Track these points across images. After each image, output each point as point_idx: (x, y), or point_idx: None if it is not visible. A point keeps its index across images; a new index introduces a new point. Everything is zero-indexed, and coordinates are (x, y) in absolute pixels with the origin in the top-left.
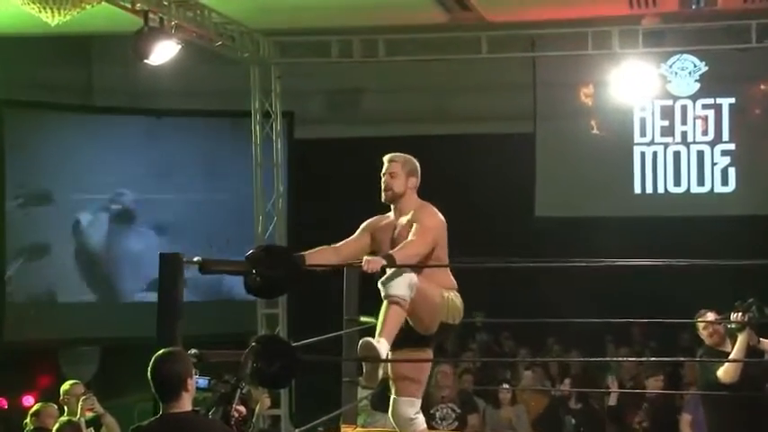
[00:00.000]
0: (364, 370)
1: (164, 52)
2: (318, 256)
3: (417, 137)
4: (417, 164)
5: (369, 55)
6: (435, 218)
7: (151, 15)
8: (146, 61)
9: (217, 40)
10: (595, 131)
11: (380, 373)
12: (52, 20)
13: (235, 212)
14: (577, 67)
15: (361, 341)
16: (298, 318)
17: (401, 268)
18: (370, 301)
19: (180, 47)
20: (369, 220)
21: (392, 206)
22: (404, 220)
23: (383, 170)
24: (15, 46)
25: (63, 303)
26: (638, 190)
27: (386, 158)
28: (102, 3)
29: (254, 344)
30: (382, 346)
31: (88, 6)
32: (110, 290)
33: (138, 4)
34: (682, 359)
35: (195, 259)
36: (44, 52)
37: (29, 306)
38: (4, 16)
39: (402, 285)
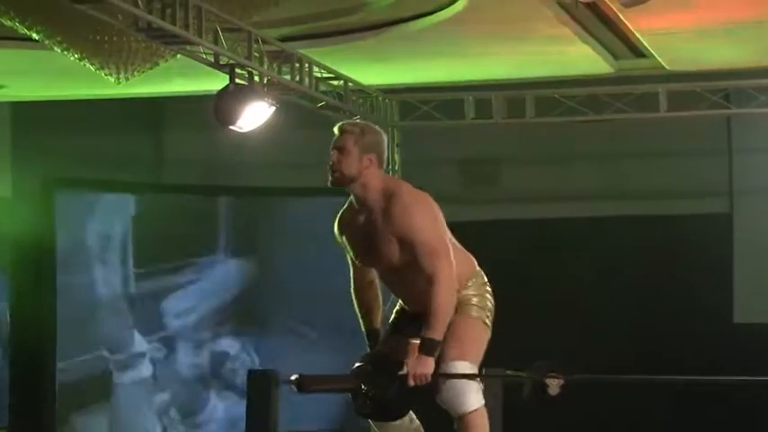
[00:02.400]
0: None
1: (253, 116)
2: (378, 313)
3: (572, 220)
4: (382, 135)
5: (513, 115)
6: (425, 210)
7: (238, 71)
8: (231, 127)
9: (320, 100)
10: None
11: None
12: (116, 78)
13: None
14: None
15: None
16: None
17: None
18: None
19: (274, 109)
20: (336, 227)
21: (352, 195)
22: (377, 216)
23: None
24: (70, 113)
25: None
26: None
27: (336, 128)
28: (178, 56)
29: (360, 364)
30: None
31: (161, 61)
32: None
33: (223, 57)
34: None
35: (292, 378)
36: (105, 119)
37: None
38: (55, 77)
39: (470, 393)
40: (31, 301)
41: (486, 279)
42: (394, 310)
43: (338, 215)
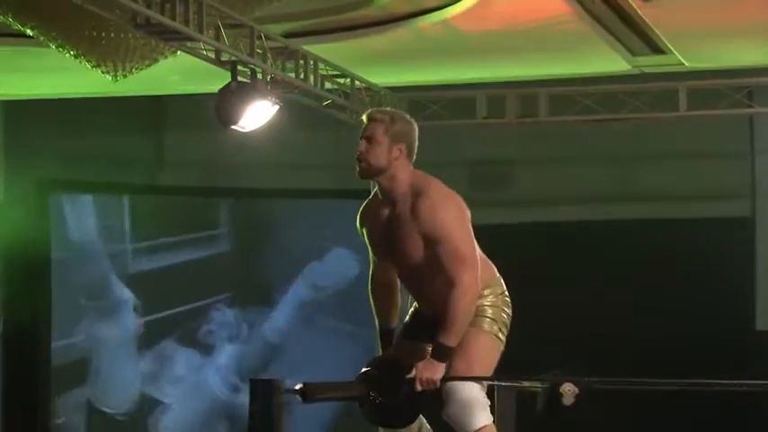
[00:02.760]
0: None
1: (256, 115)
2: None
3: (590, 223)
4: (413, 125)
5: (526, 114)
6: (454, 209)
7: (241, 68)
8: (233, 127)
9: (326, 99)
10: None
11: None
12: (114, 76)
13: None
14: None
15: None
16: None
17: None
18: None
19: (277, 108)
20: (359, 219)
21: (377, 186)
22: (404, 210)
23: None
24: (65, 112)
25: None
26: None
27: (364, 116)
28: (178, 53)
29: (367, 370)
30: None
31: (160, 58)
32: None
33: (225, 54)
34: None
35: (297, 387)
36: (102, 119)
37: None
38: (50, 75)
39: (478, 410)
40: (25, 307)
41: (505, 288)
42: (409, 313)
43: (362, 206)
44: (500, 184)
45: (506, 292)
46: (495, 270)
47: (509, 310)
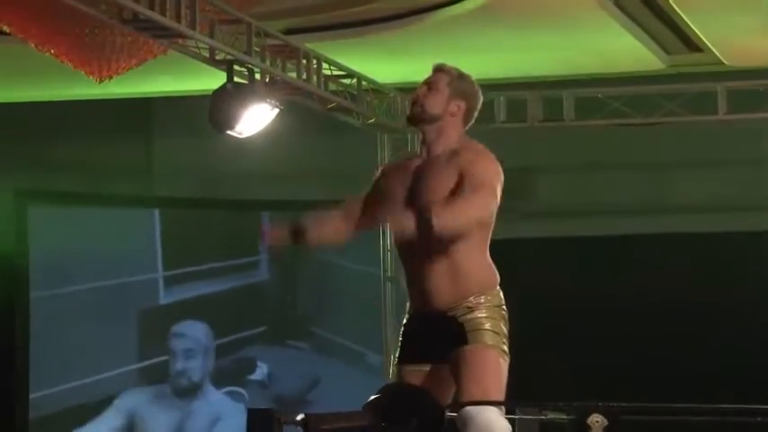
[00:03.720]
0: None
1: (254, 119)
2: (323, 232)
3: (619, 237)
4: (480, 93)
5: (550, 118)
6: (495, 167)
7: (237, 67)
8: (228, 132)
9: (330, 101)
10: None
11: None
12: (99, 78)
13: None
14: None
15: None
16: None
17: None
18: None
19: (277, 111)
20: (381, 169)
21: (420, 138)
22: (441, 159)
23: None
24: (45, 117)
25: None
26: None
27: (434, 66)
28: (169, 52)
29: (376, 397)
30: None
31: (150, 58)
32: None
33: (220, 52)
34: None
35: (298, 418)
36: (86, 124)
37: None
38: (29, 76)
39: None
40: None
41: (503, 301)
42: (400, 334)
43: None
44: (520, 195)
45: (504, 307)
46: (498, 281)
47: (507, 326)
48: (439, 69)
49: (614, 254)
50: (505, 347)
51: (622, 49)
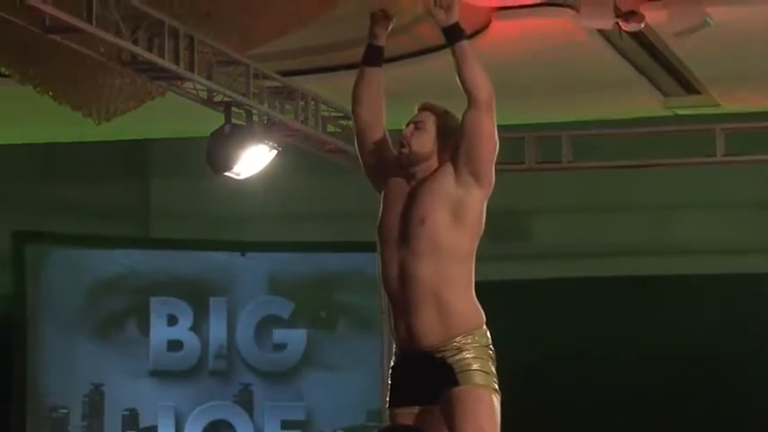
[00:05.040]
0: None
1: (252, 161)
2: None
3: (617, 279)
4: None
5: (548, 160)
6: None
7: (235, 109)
8: (226, 174)
9: (328, 142)
10: None
11: None
12: (97, 119)
13: None
14: None
15: None
16: None
17: None
18: None
19: (275, 152)
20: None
21: (410, 172)
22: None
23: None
24: (43, 158)
25: None
26: None
27: (420, 105)
28: (167, 94)
29: None
30: None
31: (148, 99)
32: None
33: (218, 94)
34: None
35: None
36: (84, 165)
37: None
38: (27, 118)
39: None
40: None
41: (490, 341)
42: (388, 382)
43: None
44: (516, 236)
45: (491, 347)
46: (484, 320)
47: (495, 365)
48: (424, 108)
49: (613, 296)
50: (496, 386)
51: (619, 91)
